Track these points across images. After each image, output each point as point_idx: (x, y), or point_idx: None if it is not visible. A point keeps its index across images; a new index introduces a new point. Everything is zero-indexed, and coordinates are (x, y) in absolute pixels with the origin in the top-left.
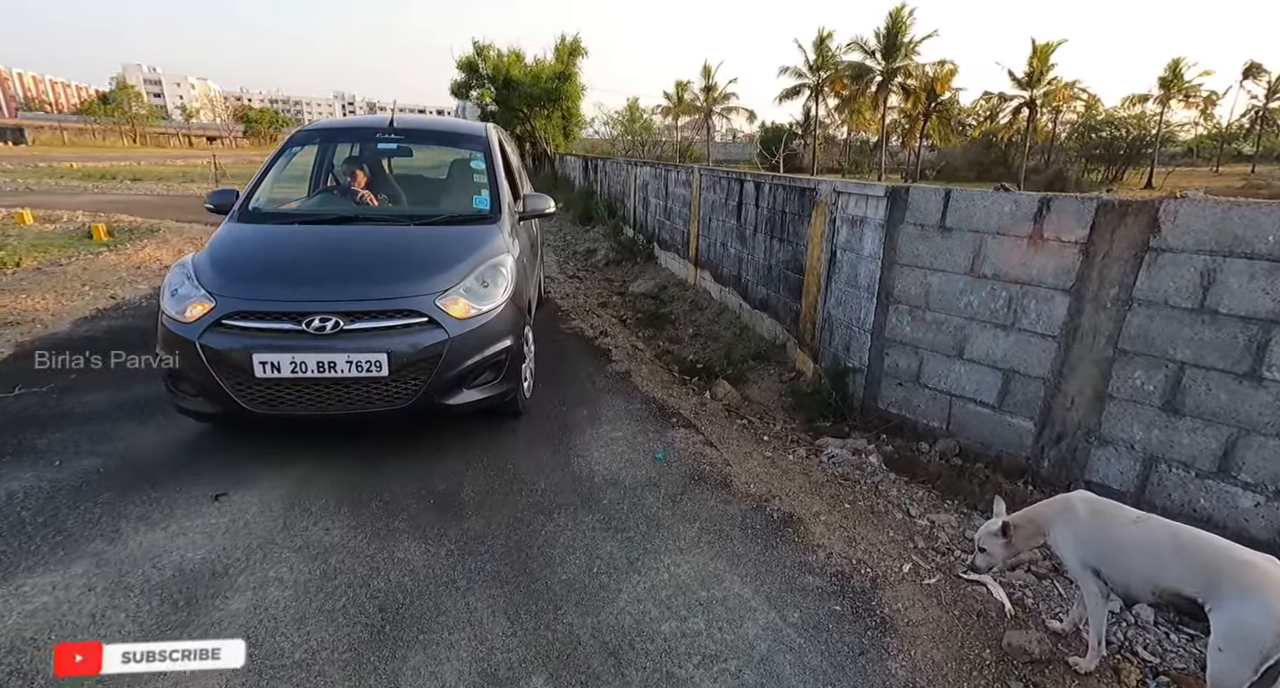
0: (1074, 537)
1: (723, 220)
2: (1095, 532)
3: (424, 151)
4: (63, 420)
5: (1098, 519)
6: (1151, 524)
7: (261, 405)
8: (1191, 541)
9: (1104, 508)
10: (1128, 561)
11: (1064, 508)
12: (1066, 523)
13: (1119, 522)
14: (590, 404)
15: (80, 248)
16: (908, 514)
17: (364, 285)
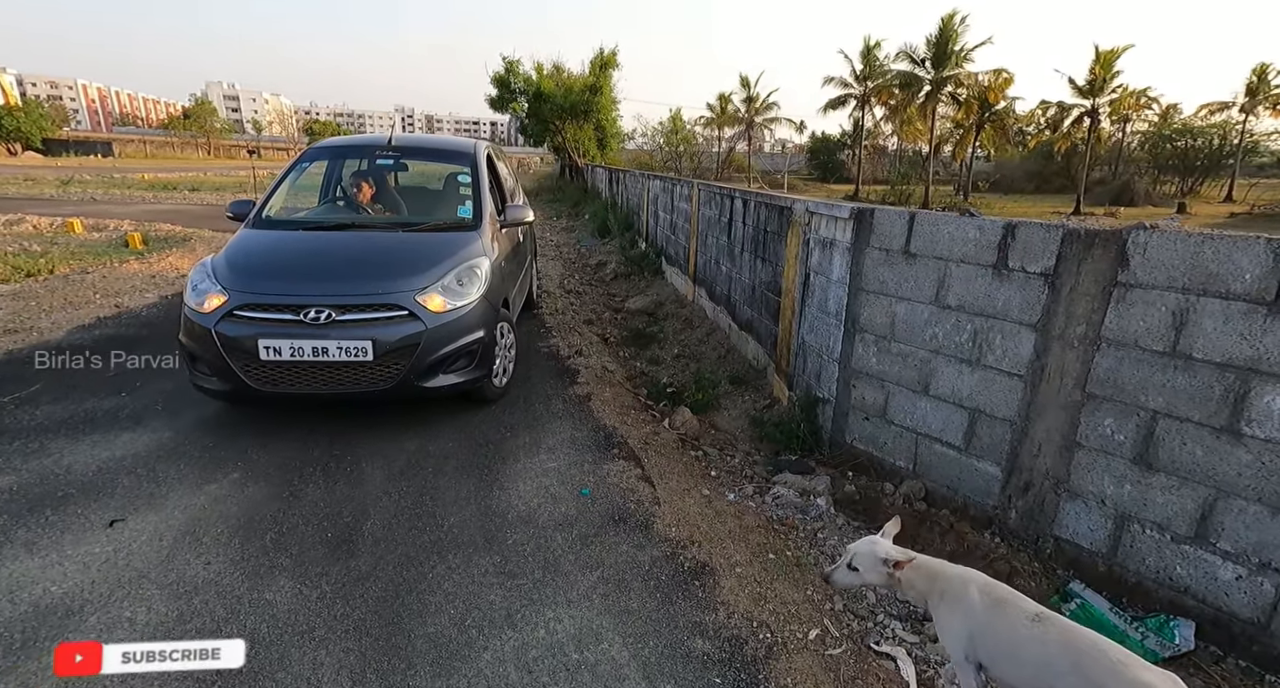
0: (964, 627)
1: (716, 237)
2: (988, 627)
3: (425, 166)
4: (4, 435)
5: (993, 613)
6: (1051, 627)
7: (265, 385)
8: (1090, 651)
9: (1002, 599)
10: (1019, 663)
11: (961, 590)
12: (958, 609)
13: (1016, 619)
14: (536, 430)
15: (112, 256)
16: None
17: (353, 283)
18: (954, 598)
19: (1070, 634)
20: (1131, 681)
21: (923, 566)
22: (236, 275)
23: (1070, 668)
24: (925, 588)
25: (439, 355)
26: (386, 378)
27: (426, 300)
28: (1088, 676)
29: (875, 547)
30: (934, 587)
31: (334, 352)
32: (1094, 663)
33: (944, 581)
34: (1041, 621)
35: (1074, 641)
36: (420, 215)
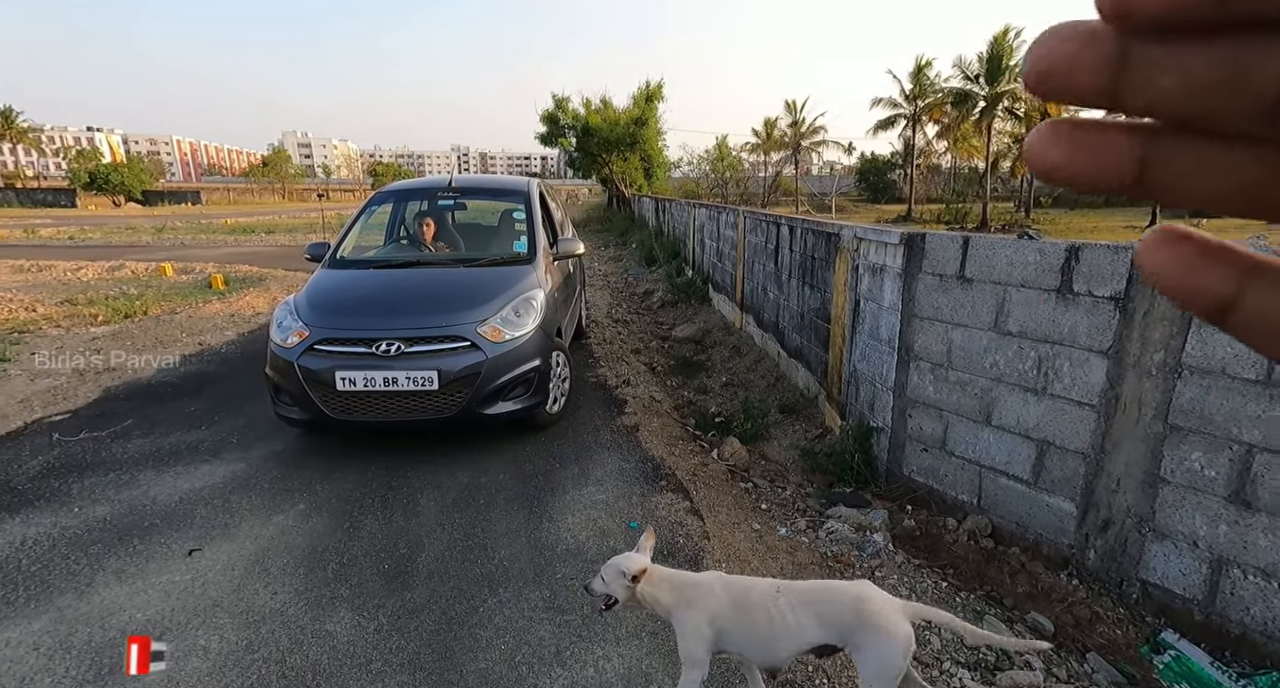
0: (706, 617)
1: (763, 264)
2: (735, 609)
3: (481, 204)
4: (100, 467)
5: (737, 596)
6: (790, 592)
7: (341, 413)
8: (826, 601)
9: (744, 583)
10: (775, 636)
11: (706, 591)
12: (701, 605)
13: (761, 600)
14: (584, 461)
15: (197, 297)
16: None
17: (419, 316)
18: (698, 599)
19: (807, 592)
20: (855, 598)
21: (664, 578)
22: (316, 312)
23: (816, 622)
24: (670, 600)
25: (498, 383)
26: (450, 406)
27: (486, 331)
28: (831, 620)
29: (621, 560)
30: (679, 596)
31: (403, 381)
32: (832, 606)
33: (689, 588)
34: (783, 590)
35: (812, 596)
36: (478, 251)
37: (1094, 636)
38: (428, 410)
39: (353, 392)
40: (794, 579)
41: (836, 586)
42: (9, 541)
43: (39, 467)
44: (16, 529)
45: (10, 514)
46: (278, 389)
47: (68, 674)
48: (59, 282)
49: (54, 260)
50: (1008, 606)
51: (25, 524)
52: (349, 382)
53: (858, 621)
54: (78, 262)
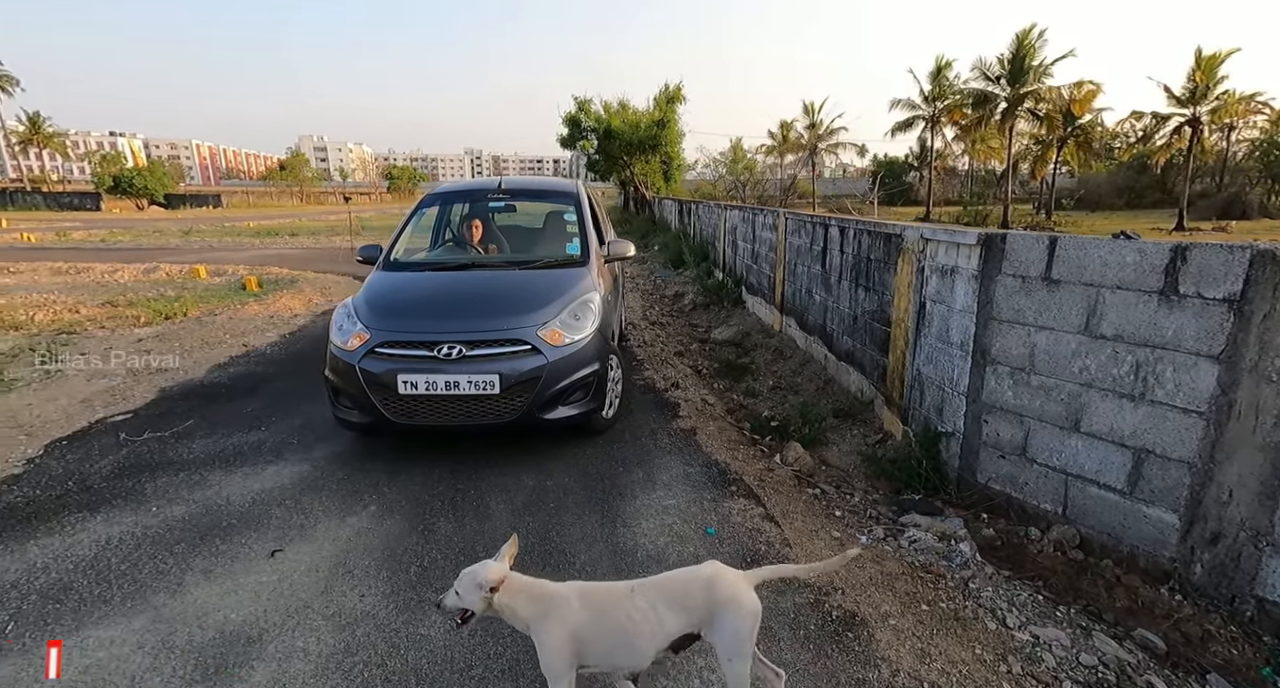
0: (565, 631)
1: (808, 266)
2: (594, 618)
3: (525, 206)
4: (169, 466)
5: (595, 604)
6: (645, 590)
7: (402, 417)
8: (681, 590)
9: (601, 593)
10: (638, 634)
11: (563, 603)
12: (559, 618)
13: (619, 604)
14: (647, 465)
15: (234, 299)
16: (1003, 624)
17: (480, 319)
18: (556, 611)
19: (661, 585)
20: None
21: (522, 588)
22: (376, 315)
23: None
24: (528, 612)
25: (558, 388)
26: (511, 410)
27: (547, 335)
28: (688, 607)
29: (478, 569)
30: (537, 608)
31: (464, 385)
32: (686, 595)
33: (547, 600)
34: (638, 589)
35: (666, 588)
36: (523, 253)
37: (1208, 655)
38: (487, 415)
39: (414, 395)
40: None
41: (689, 572)
42: (95, 540)
43: (110, 466)
44: (100, 528)
45: (91, 513)
46: (337, 392)
47: (175, 674)
48: (97, 283)
49: (90, 262)
50: (1109, 621)
51: (108, 523)
52: (410, 385)
53: (709, 600)
54: (113, 264)
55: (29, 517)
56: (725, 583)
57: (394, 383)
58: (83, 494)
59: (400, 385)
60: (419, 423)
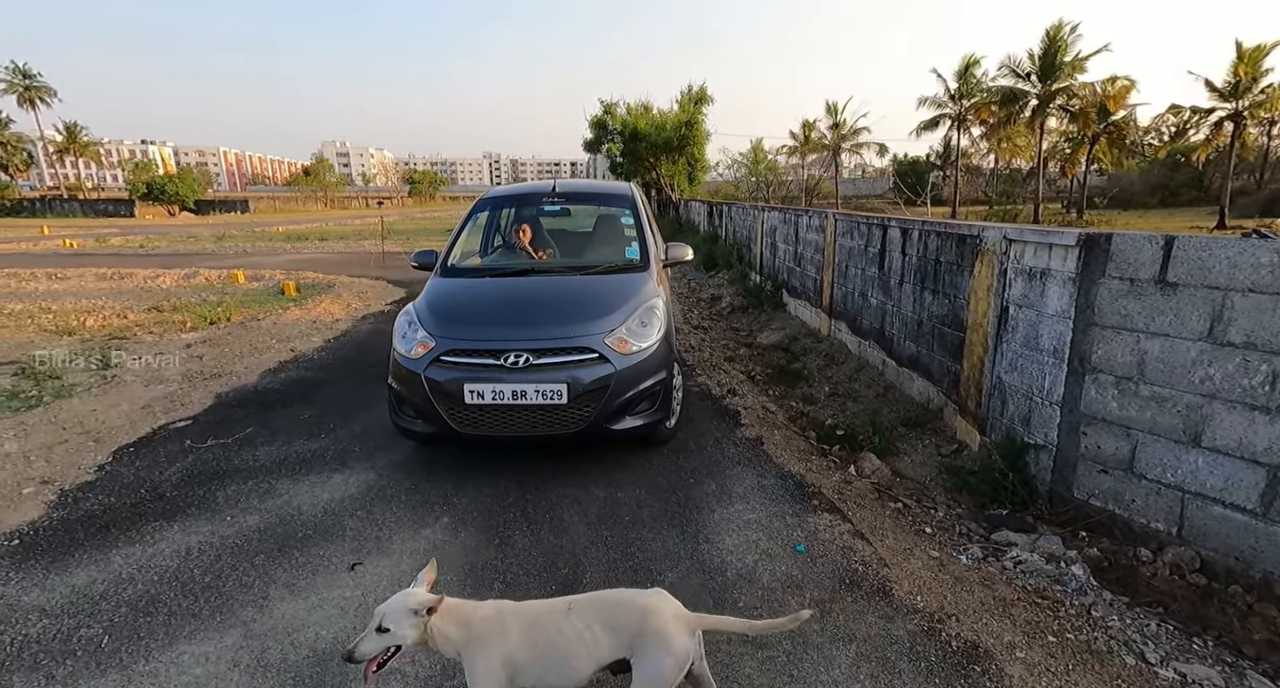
0: (500, 655)
1: (862, 268)
2: (529, 640)
3: (575, 209)
4: (237, 474)
5: (530, 624)
6: (582, 608)
7: (467, 427)
8: (615, 612)
9: (534, 613)
10: (572, 654)
11: (496, 626)
12: (492, 642)
13: (555, 622)
14: (719, 476)
15: (274, 304)
16: (1143, 659)
17: (547, 327)
18: (487, 636)
19: (597, 602)
20: (641, 608)
21: (450, 610)
22: (441, 322)
23: (608, 631)
24: (459, 636)
25: (626, 397)
26: (578, 420)
27: (614, 342)
28: (620, 628)
29: (405, 597)
30: (468, 633)
31: (531, 395)
32: (620, 615)
33: (478, 623)
34: (574, 607)
35: (602, 605)
36: (573, 257)
37: None
38: (554, 425)
39: (480, 405)
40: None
41: (628, 595)
42: (175, 550)
43: (179, 473)
44: (178, 538)
45: (168, 522)
46: (400, 400)
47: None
48: (141, 289)
49: (131, 268)
50: (1251, 656)
51: (185, 533)
52: (477, 395)
53: (641, 630)
54: (154, 269)
55: (108, 525)
56: (661, 616)
57: (460, 392)
58: (157, 502)
59: (467, 395)
60: (485, 433)
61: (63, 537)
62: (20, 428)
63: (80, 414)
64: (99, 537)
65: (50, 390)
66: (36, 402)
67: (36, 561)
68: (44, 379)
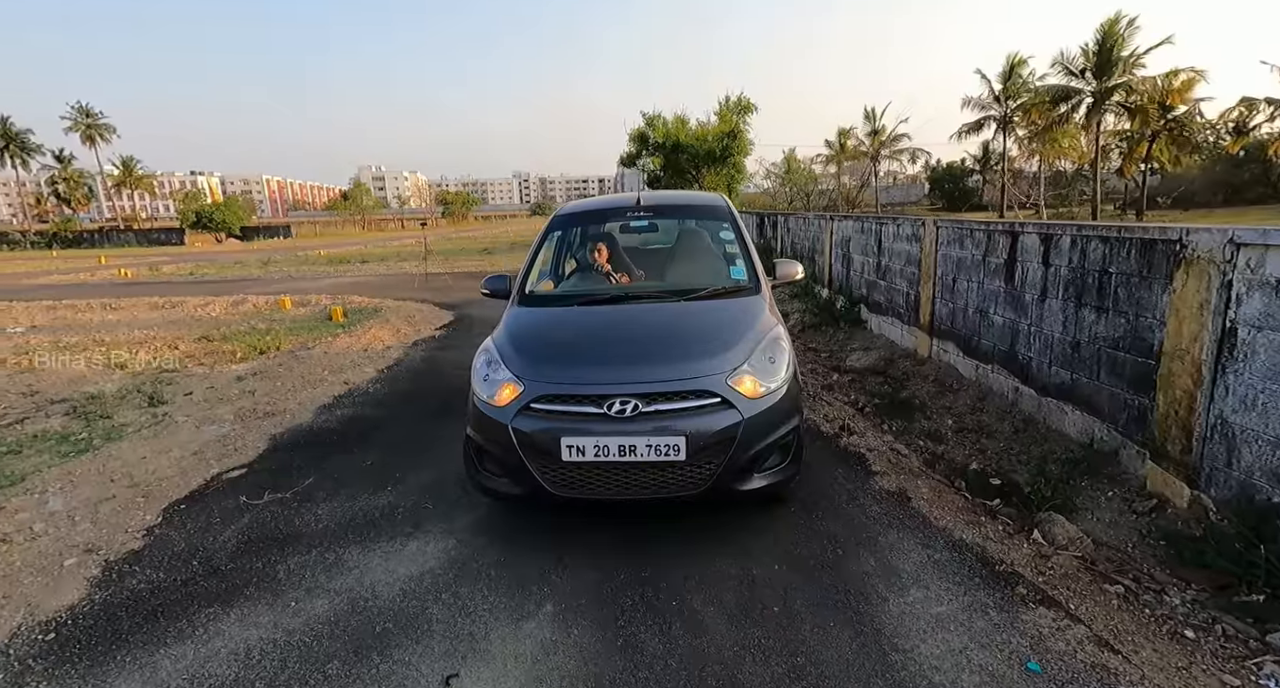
0: None
1: (979, 281)
2: None
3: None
4: (298, 540)
5: None
6: None
7: (564, 488)
8: None
9: None
10: None
11: None
12: None
13: None
14: (873, 546)
15: (322, 330)
16: None
17: (656, 366)
18: None
19: None
20: None
21: None
22: (528, 362)
23: None
24: None
25: (756, 451)
26: (697, 480)
27: (739, 383)
28: None
29: None
30: None
31: (642, 450)
32: None
33: None
34: None
35: None
36: (660, 280)
37: None
38: (668, 486)
39: (579, 462)
40: None
41: None
42: (233, 650)
43: (235, 539)
44: (236, 632)
45: (224, 608)
46: (481, 455)
47: None
48: (192, 317)
49: (182, 296)
50: None
51: (244, 624)
52: (576, 450)
53: None
54: (203, 297)
55: (155, 612)
56: None
57: (555, 448)
58: (210, 579)
59: (564, 451)
60: (583, 496)
61: (104, 629)
62: (67, 480)
63: (129, 462)
64: (145, 629)
65: (100, 432)
66: (86, 446)
67: (72, 665)
68: (95, 419)
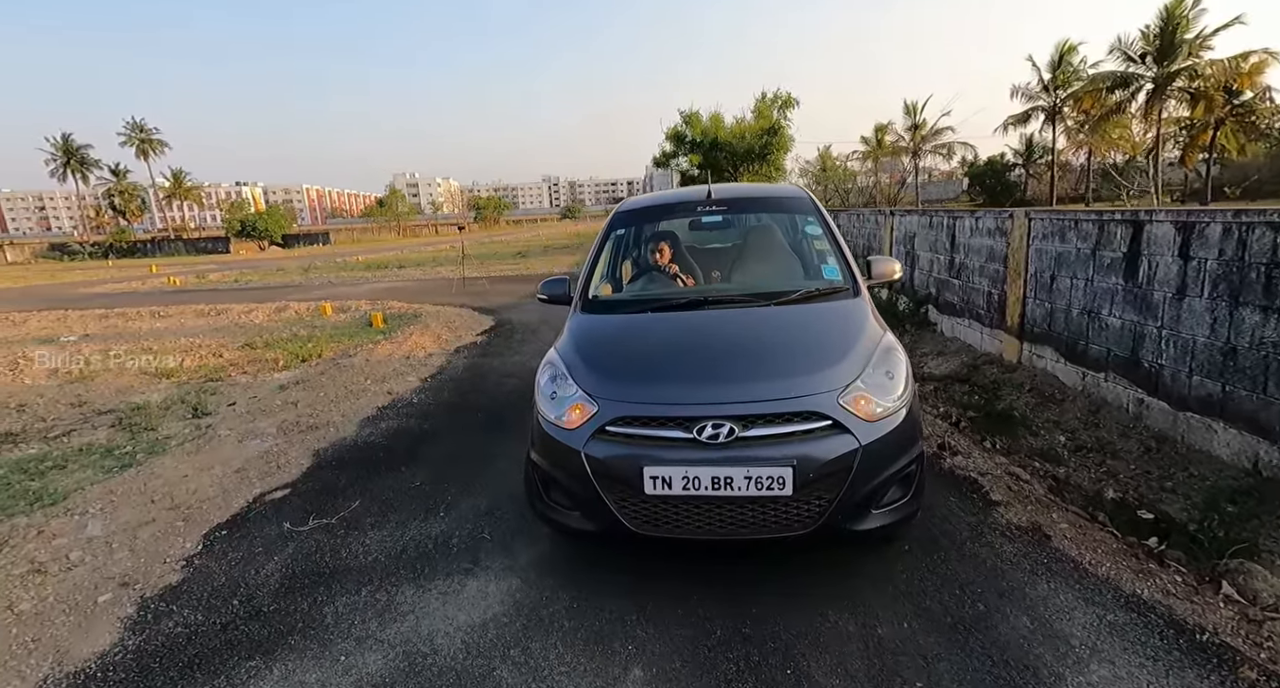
0: None
1: (1086, 279)
2: None
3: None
4: (346, 577)
5: None
6: None
7: (647, 526)
8: None
9: None
10: None
11: None
12: None
13: None
14: (1018, 598)
15: (363, 337)
16: None
17: (753, 383)
18: None
19: None
20: None
21: None
22: (601, 377)
23: None
24: None
25: (876, 483)
26: (804, 518)
27: (853, 403)
28: None
29: None
30: None
31: (740, 483)
32: None
33: None
34: None
35: None
36: (731, 282)
37: None
38: (770, 524)
39: (665, 496)
40: None
41: None
42: None
43: (278, 574)
44: None
45: (266, 662)
46: (547, 484)
47: None
48: (235, 324)
49: (228, 304)
50: None
51: (289, 681)
52: (662, 482)
53: None
54: (247, 304)
55: (191, 665)
56: None
57: (637, 478)
58: (252, 623)
59: (648, 482)
60: (669, 535)
61: (136, 684)
62: (108, 499)
63: (171, 480)
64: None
65: (144, 446)
66: (129, 461)
67: None
68: (139, 432)
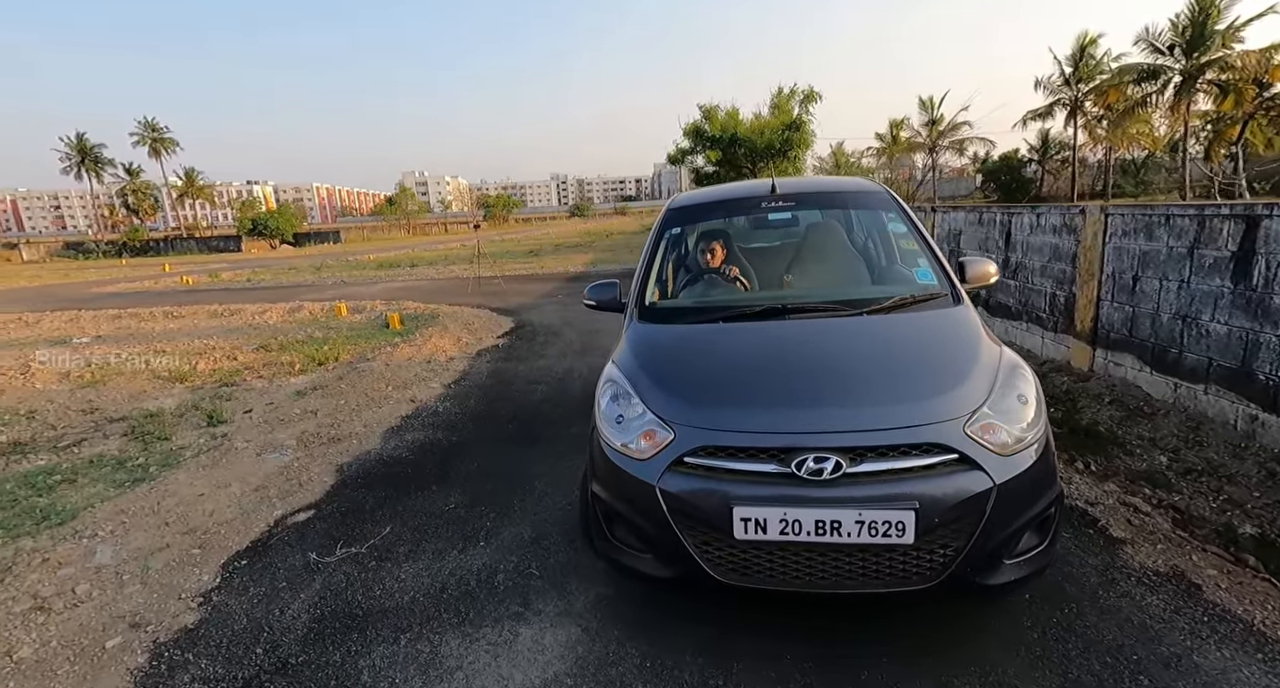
0: None
1: (1181, 280)
2: None
3: (778, 218)
4: (381, 621)
5: None
6: None
7: (735, 575)
8: None
9: None
10: None
11: None
12: None
13: None
14: (1188, 671)
15: (381, 339)
16: None
17: (860, 407)
18: None
19: None
20: None
21: None
22: (675, 399)
23: None
24: None
25: (1013, 528)
26: (927, 569)
27: (982, 433)
28: None
29: None
30: None
31: (850, 528)
32: None
33: None
34: None
35: None
36: (803, 288)
37: None
38: (883, 576)
39: (758, 541)
40: None
41: None
42: None
43: (305, 614)
44: None
45: None
46: (612, 519)
47: None
48: (249, 325)
49: (241, 304)
50: None
51: None
52: (756, 525)
53: None
54: (260, 304)
55: None
56: None
57: (726, 521)
58: (278, 679)
59: (738, 525)
60: (762, 586)
61: None
62: (119, 520)
63: (185, 499)
64: None
65: (157, 458)
66: (142, 475)
67: None
68: (152, 441)
